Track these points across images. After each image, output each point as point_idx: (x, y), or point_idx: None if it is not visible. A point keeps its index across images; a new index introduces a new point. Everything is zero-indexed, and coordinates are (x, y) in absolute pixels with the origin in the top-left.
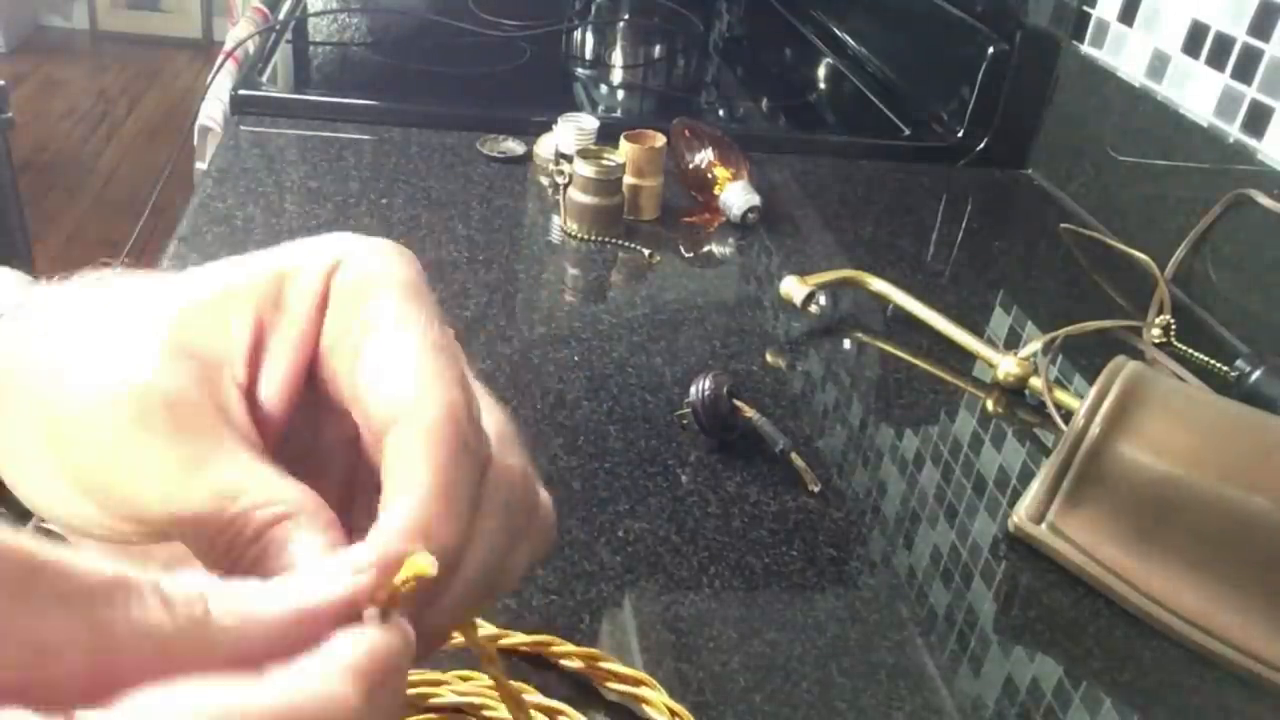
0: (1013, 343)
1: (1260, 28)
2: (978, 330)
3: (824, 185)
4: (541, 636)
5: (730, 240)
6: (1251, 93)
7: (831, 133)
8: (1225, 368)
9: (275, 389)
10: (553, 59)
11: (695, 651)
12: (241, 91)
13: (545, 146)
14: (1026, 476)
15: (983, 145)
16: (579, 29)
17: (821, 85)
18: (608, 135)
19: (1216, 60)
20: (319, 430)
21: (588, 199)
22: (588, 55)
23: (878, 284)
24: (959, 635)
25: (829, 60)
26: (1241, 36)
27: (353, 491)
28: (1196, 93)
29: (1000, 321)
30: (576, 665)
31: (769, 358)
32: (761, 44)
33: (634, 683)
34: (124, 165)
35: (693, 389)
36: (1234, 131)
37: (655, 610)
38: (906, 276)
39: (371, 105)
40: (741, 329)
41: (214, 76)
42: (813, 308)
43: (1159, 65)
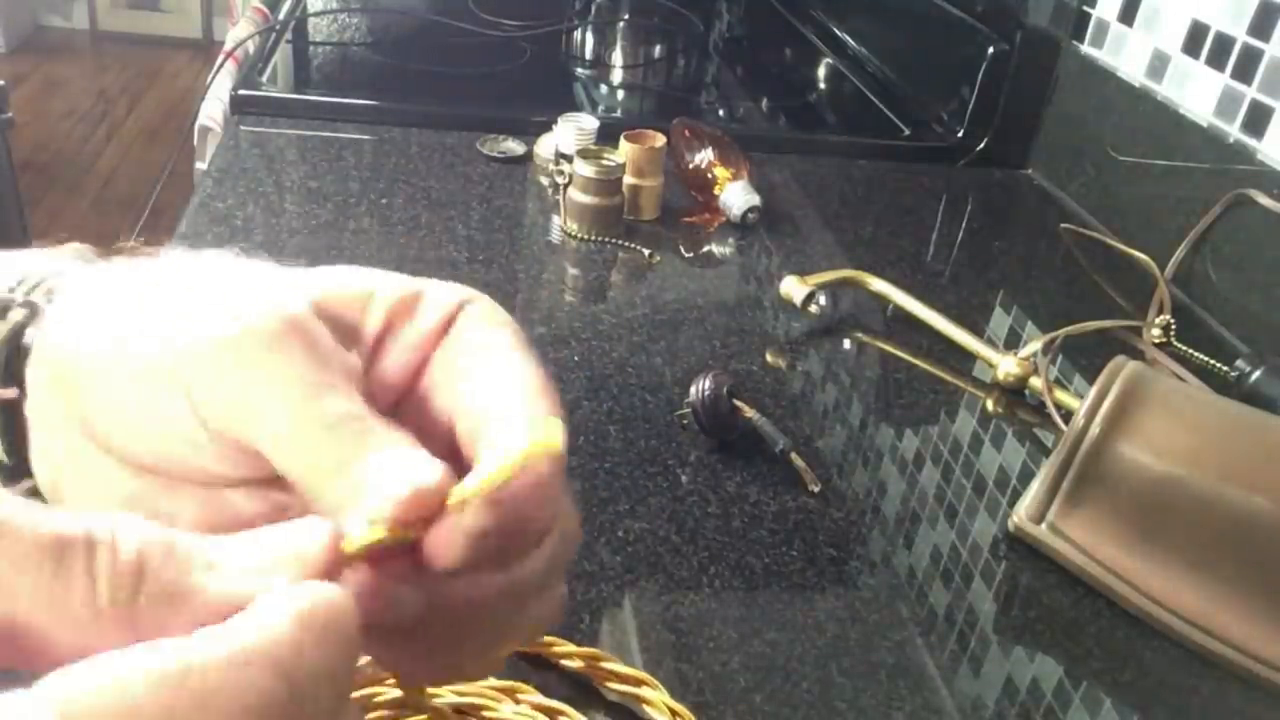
0: (1013, 343)
1: (1260, 28)
2: (978, 330)
3: (824, 185)
4: (542, 637)
5: (730, 240)
6: (1251, 93)
7: (831, 133)
8: (1225, 368)
9: (388, 380)
10: (553, 59)
11: (695, 651)
12: (241, 91)
13: (545, 146)
14: (1026, 476)
15: (983, 145)
16: (579, 29)
17: (821, 85)
18: (608, 135)
19: (1216, 60)
20: None
21: (588, 199)
22: (588, 55)
23: (878, 284)
24: (959, 635)
25: (829, 60)
26: (1241, 36)
27: None
28: (1196, 93)
29: (1000, 321)
30: (577, 665)
31: (769, 358)
32: (761, 44)
33: (634, 683)
34: (124, 165)
35: (693, 389)
36: (1234, 131)
37: (655, 610)
38: (906, 276)
39: (371, 105)
40: (741, 329)
41: (214, 76)
42: (813, 308)
43: (1159, 65)
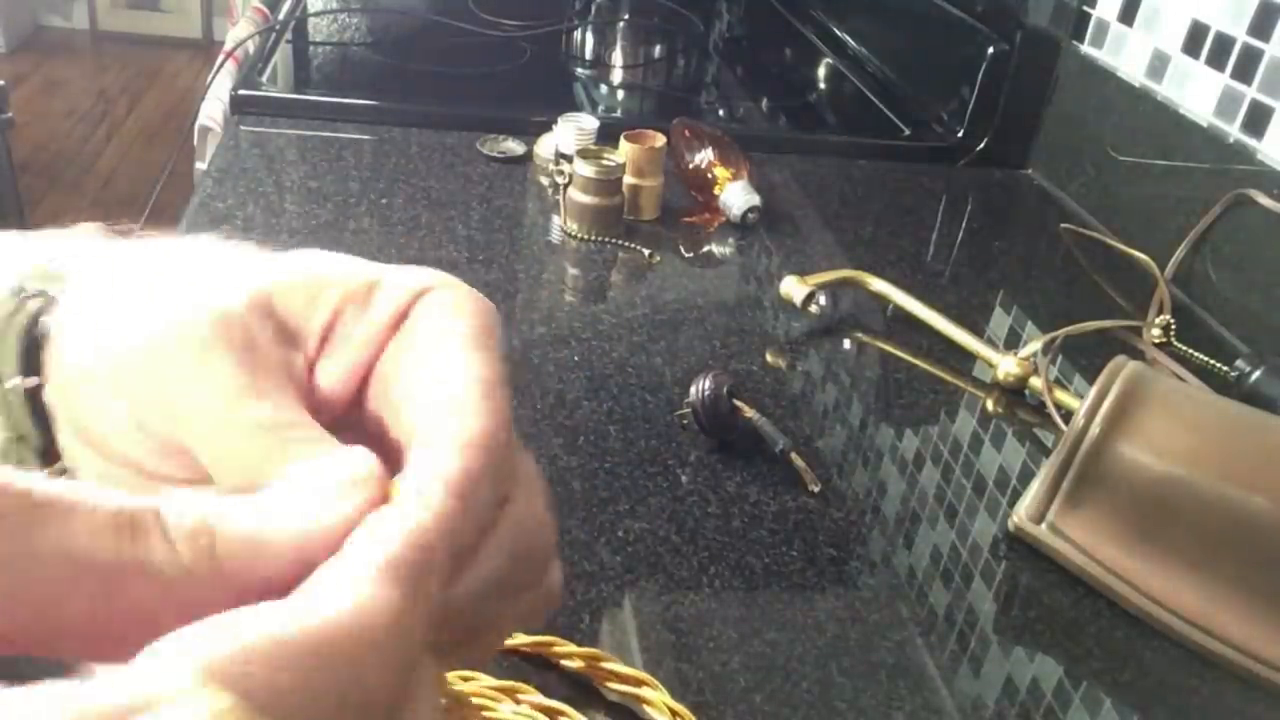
0: (1013, 343)
1: (1260, 28)
2: (978, 330)
3: (824, 185)
4: (542, 637)
5: (730, 240)
6: (1251, 93)
7: (831, 133)
8: (1225, 368)
9: (335, 378)
10: (553, 59)
11: (695, 651)
12: (241, 91)
13: (545, 146)
14: (1026, 476)
15: (983, 145)
16: (579, 29)
17: (821, 85)
18: (608, 135)
19: (1216, 60)
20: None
21: (588, 199)
22: (588, 55)
23: (878, 284)
24: (959, 635)
25: (829, 60)
26: (1241, 36)
27: None
28: (1196, 93)
29: (1000, 321)
30: (577, 665)
31: (769, 358)
32: (761, 44)
33: (635, 683)
34: (124, 165)
35: (693, 389)
36: (1234, 131)
37: (655, 610)
38: (906, 276)
39: (371, 105)
40: (741, 329)
41: (214, 76)
42: (813, 308)
43: (1159, 65)
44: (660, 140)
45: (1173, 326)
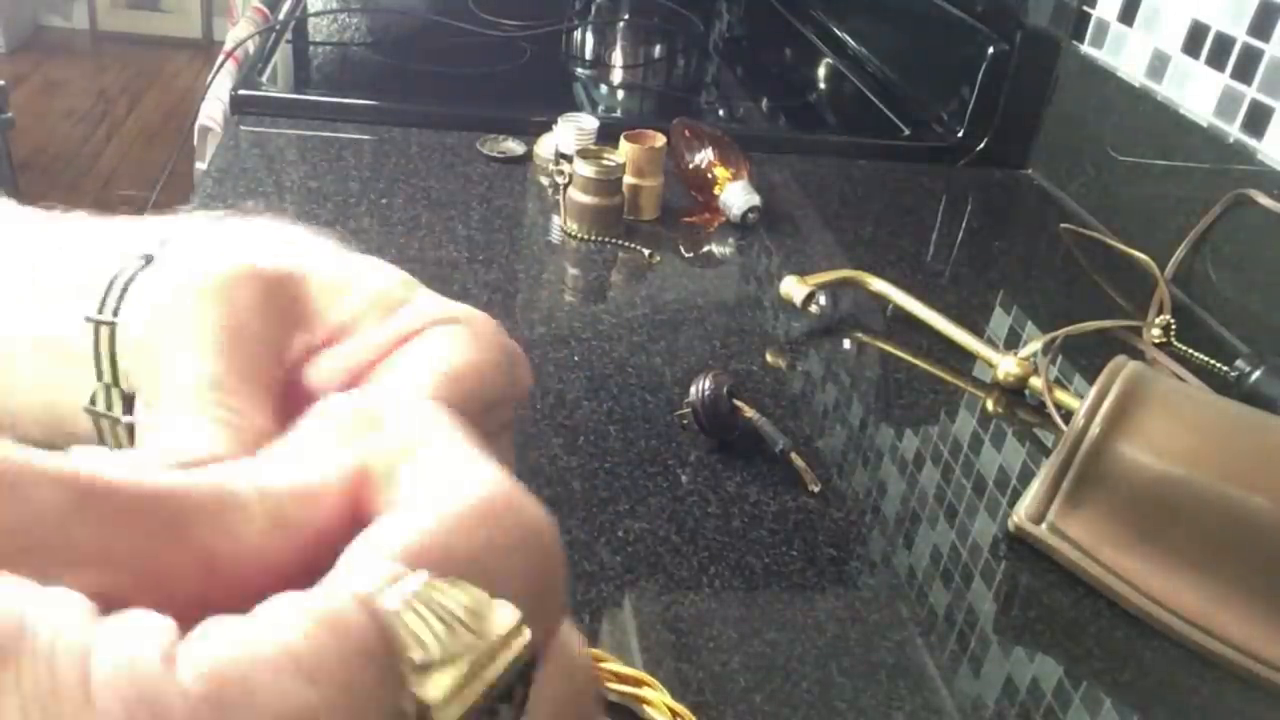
0: (1013, 343)
1: (1260, 28)
2: (978, 330)
3: (824, 185)
4: None
5: (730, 240)
6: (1251, 93)
7: (831, 133)
8: (1225, 368)
9: (329, 370)
10: (553, 59)
11: (695, 651)
12: (241, 91)
13: (545, 146)
14: (1026, 476)
15: (983, 145)
16: (579, 29)
17: (821, 85)
18: (608, 135)
19: (1216, 60)
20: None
21: (588, 199)
22: (588, 55)
23: (878, 284)
24: (959, 635)
25: (829, 60)
26: (1241, 36)
27: None
28: (1196, 93)
29: (1000, 321)
30: None
31: (769, 358)
32: (761, 44)
33: (635, 683)
34: (124, 165)
35: (693, 389)
36: (1234, 131)
37: (655, 610)
38: (906, 276)
39: (371, 105)
40: (741, 329)
41: (214, 76)
42: (813, 308)
43: (1159, 65)
44: (660, 140)
45: (1173, 326)
